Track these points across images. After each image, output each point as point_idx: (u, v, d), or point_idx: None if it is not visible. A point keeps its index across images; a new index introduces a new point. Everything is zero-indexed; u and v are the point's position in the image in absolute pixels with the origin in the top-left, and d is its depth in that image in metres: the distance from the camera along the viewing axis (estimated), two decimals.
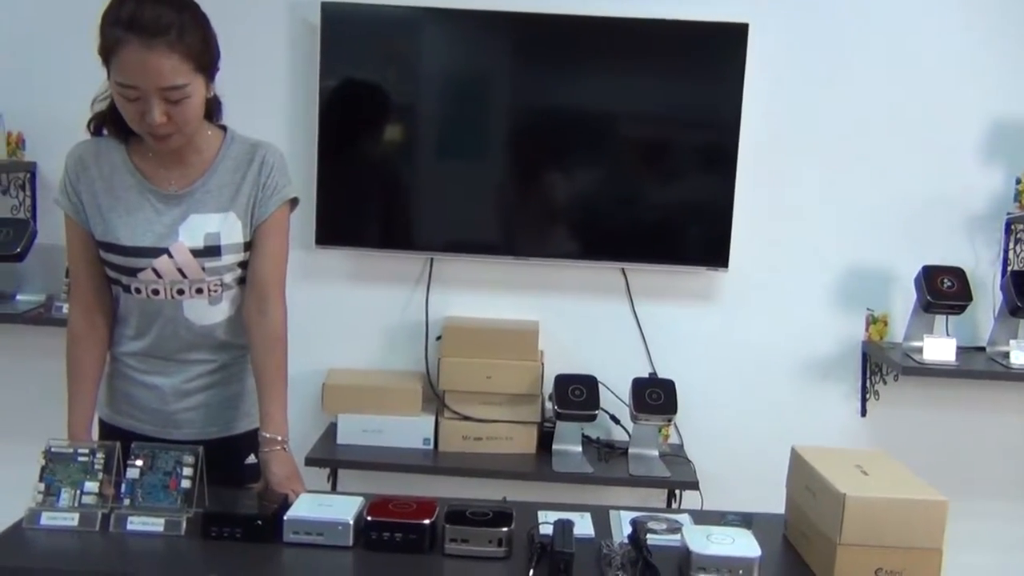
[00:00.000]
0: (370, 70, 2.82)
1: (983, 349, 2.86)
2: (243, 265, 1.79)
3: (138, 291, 1.75)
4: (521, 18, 2.77)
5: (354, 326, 2.93)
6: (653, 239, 2.88)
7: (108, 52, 1.58)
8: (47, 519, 1.58)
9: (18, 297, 2.80)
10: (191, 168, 1.75)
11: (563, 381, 2.71)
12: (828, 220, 2.88)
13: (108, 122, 1.75)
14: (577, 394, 2.69)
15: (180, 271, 1.73)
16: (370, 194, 2.87)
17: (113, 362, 1.85)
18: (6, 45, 2.85)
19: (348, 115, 2.81)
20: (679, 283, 2.92)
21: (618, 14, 2.73)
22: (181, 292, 1.74)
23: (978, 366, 2.75)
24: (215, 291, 1.76)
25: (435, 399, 2.81)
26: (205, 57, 1.63)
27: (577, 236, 2.89)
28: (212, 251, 1.73)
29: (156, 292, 1.74)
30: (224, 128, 1.81)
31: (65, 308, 2.65)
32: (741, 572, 1.47)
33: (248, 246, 1.77)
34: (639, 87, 2.81)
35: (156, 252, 1.72)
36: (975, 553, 2.60)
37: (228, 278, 1.77)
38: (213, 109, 1.79)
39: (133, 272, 1.73)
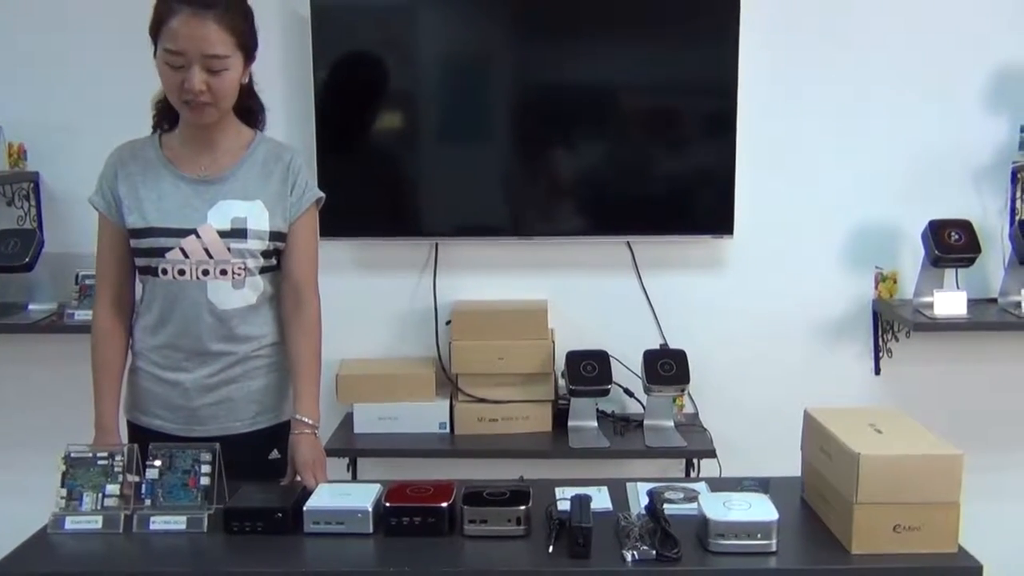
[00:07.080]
0: (363, 58, 2.81)
1: (995, 301, 2.84)
2: (266, 255, 1.85)
3: (165, 272, 1.81)
4: None
5: (363, 316, 2.93)
6: (656, 210, 2.86)
7: (159, 23, 1.71)
8: (71, 523, 1.61)
9: (30, 307, 2.81)
10: (220, 155, 1.85)
11: (575, 358, 2.72)
12: (831, 179, 2.86)
13: (162, 114, 1.89)
14: (589, 370, 2.70)
15: (206, 251, 1.80)
16: (371, 183, 2.87)
17: (135, 360, 1.91)
18: (6, 57, 2.85)
19: (344, 106, 2.80)
20: (685, 253, 2.91)
21: None
22: (206, 273, 1.81)
23: (990, 318, 2.74)
24: (239, 274, 1.82)
25: (448, 383, 2.82)
26: (247, 37, 1.78)
27: (580, 212, 2.89)
28: (239, 233, 1.81)
29: (182, 272, 1.81)
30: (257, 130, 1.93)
31: (77, 315, 2.68)
32: (759, 536, 1.48)
33: (273, 236, 1.85)
34: (634, 57, 2.78)
35: (184, 232, 1.80)
36: (994, 505, 2.59)
37: (251, 263, 1.83)
38: (256, 112, 1.92)
39: (162, 252, 1.80)
